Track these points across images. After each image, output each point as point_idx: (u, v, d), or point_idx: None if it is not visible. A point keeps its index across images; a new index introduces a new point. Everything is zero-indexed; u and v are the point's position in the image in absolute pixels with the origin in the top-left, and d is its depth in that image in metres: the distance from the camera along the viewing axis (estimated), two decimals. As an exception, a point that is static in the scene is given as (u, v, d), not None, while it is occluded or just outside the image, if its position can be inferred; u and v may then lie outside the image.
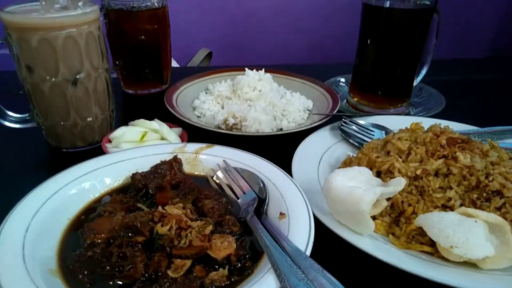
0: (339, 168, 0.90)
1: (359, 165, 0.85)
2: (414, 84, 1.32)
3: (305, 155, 0.94)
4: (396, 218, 0.76)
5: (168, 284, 0.58)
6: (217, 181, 0.85)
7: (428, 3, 1.15)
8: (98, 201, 0.78)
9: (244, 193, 0.79)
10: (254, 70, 1.32)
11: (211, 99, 1.27)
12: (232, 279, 0.60)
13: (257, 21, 2.62)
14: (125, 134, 0.98)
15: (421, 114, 1.28)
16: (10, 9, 0.90)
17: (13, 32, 0.88)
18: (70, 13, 0.90)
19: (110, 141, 0.99)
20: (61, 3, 0.91)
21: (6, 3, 0.91)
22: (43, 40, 0.87)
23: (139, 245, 0.63)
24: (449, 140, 0.81)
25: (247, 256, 0.64)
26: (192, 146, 0.90)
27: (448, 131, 0.85)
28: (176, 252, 0.62)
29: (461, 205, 0.74)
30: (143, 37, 1.31)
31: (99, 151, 0.93)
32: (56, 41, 0.88)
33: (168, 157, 0.86)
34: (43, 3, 0.90)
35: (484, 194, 0.74)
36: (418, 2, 1.16)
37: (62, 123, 0.98)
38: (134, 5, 1.26)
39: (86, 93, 0.97)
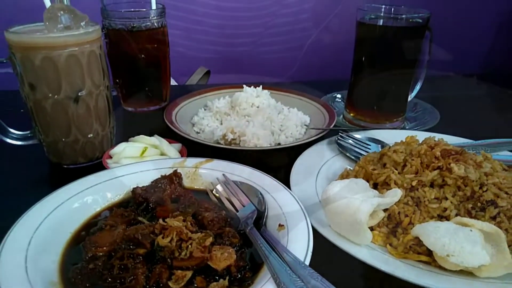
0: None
1: (356, 177, 0.87)
2: (409, 99, 1.34)
3: (303, 168, 0.95)
4: (393, 229, 0.77)
5: (169, 295, 0.59)
6: (217, 194, 0.86)
7: (420, 20, 1.19)
8: (98, 215, 0.79)
9: (244, 206, 0.80)
10: (252, 87, 1.35)
11: (210, 115, 1.29)
12: (232, 290, 0.61)
13: (254, 39, 2.67)
14: (126, 150, 0.99)
15: (416, 128, 1.30)
16: (15, 29, 0.93)
17: (17, 51, 0.90)
18: (73, 32, 0.92)
19: (110, 157, 1.00)
20: (64, 23, 0.93)
21: (10, 23, 0.93)
22: (46, 59, 0.89)
23: (140, 257, 0.64)
24: (443, 152, 0.82)
25: (247, 267, 0.65)
26: (192, 161, 0.91)
27: (442, 143, 0.87)
28: (177, 263, 0.63)
29: (456, 215, 0.75)
30: (143, 56, 1.34)
31: (99, 167, 0.94)
32: (59, 59, 0.90)
33: (168, 172, 0.87)
34: (47, 23, 0.93)
35: (479, 204, 0.75)
36: (411, 20, 1.19)
37: (63, 139, 1.00)
38: (134, 25, 1.28)
39: (87, 110, 0.99)
